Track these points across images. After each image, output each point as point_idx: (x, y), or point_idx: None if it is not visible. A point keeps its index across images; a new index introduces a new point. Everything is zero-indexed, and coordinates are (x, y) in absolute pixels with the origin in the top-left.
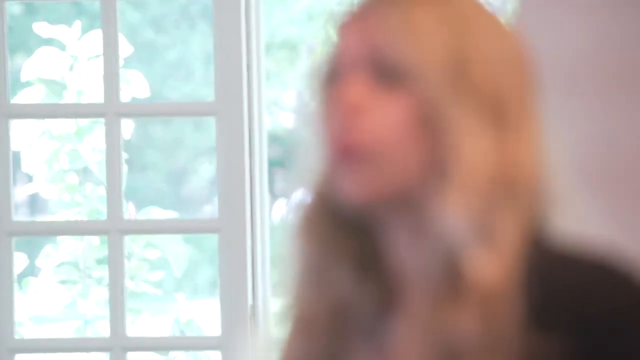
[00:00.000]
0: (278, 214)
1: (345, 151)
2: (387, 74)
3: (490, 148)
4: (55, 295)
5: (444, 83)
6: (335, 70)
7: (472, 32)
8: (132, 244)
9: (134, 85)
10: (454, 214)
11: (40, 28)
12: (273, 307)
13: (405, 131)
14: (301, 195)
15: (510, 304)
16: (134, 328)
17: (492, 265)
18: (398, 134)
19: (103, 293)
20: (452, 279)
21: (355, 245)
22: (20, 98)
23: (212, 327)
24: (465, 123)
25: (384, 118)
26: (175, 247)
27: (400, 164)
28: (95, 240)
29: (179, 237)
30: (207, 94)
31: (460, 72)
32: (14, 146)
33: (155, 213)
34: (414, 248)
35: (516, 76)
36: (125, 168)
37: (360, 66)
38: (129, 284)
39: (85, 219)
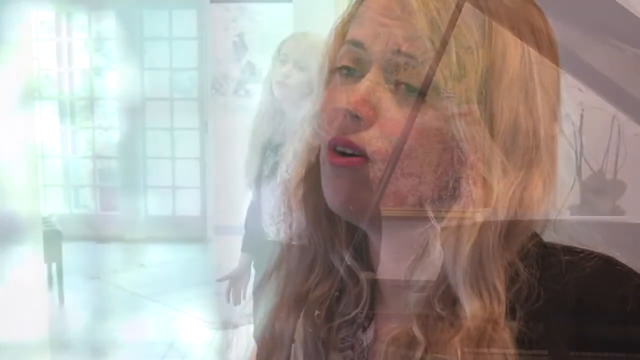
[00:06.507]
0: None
1: (344, 147)
2: (407, 84)
3: (504, 184)
4: None
5: (467, 106)
6: (353, 54)
7: (502, 31)
8: None
9: None
10: (451, 249)
11: None
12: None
13: (414, 145)
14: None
15: (495, 337)
16: None
17: (479, 309)
18: (405, 145)
19: None
20: (438, 308)
21: (348, 230)
22: None
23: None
24: (482, 151)
25: (394, 126)
26: None
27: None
28: None
29: None
30: None
31: (486, 95)
32: None
33: None
34: (397, 261)
35: (539, 96)
36: None
37: (381, 63)
38: None
39: None
